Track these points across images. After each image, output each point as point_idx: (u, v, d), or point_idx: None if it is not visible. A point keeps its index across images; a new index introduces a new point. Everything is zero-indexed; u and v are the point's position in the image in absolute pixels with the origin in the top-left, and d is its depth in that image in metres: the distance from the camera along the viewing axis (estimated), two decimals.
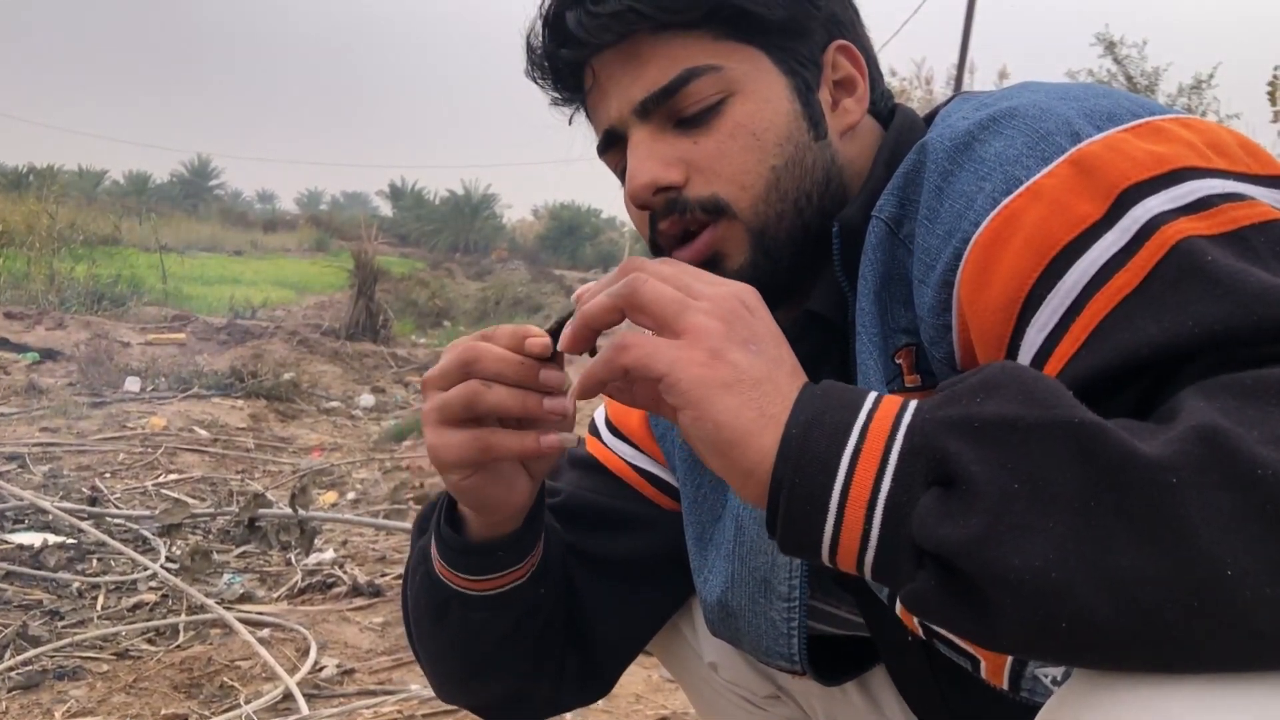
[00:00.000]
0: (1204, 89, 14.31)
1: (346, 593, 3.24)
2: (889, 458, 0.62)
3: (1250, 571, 0.52)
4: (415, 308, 16.11)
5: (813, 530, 0.64)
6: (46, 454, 5.01)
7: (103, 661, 2.68)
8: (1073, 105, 0.77)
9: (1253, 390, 0.57)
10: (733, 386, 0.68)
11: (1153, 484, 0.54)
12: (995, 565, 0.56)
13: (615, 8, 0.88)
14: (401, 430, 6.44)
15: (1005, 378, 0.61)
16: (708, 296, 0.72)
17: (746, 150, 0.90)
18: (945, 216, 0.78)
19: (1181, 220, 0.66)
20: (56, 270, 11.86)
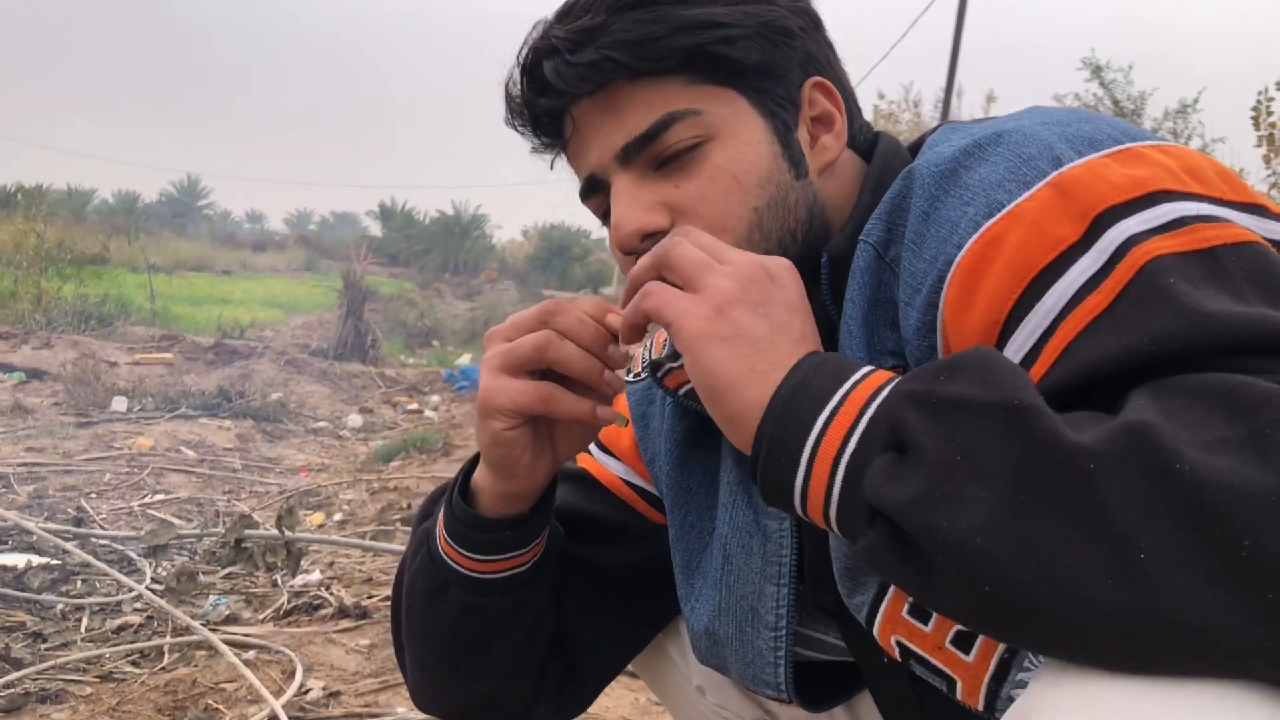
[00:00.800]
0: (1189, 113, 14.43)
1: (333, 614, 3.22)
2: (859, 422, 0.68)
3: (1162, 559, 0.54)
4: (404, 328, 16.11)
5: (785, 481, 0.71)
6: (32, 474, 4.99)
7: (86, 684, 2.66)
8: (1056, 131, 0.78)
9: (1198, 393, 0.59)
10: (729, 341, 0.76)
11: (1073, 467, 0.57)
12: (928, 526, 0.60)
13: (592, 57, 0.89)
14: (389, 451, 6.42)
15: (971, 361, 0.66)
16: (732, 261, 0.80)
17: (728, 193, 0.91)
18: (931, 241, 0.79)
19: (1154, 240, 0.68)
20: (44, 289, 11.81)
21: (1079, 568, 0.56)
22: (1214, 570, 0.53)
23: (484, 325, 17.20)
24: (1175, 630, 0.55)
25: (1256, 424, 0.56)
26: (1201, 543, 0.54)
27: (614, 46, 0.89)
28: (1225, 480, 0.54)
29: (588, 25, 0.90)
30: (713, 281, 0.78)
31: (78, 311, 11.38)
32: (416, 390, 9.66)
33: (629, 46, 0.89)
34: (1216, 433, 0.56)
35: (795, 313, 0.79)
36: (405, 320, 16.98)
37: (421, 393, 9.53)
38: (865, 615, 0.87)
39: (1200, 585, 0.54)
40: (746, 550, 1.00)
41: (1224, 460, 0.55)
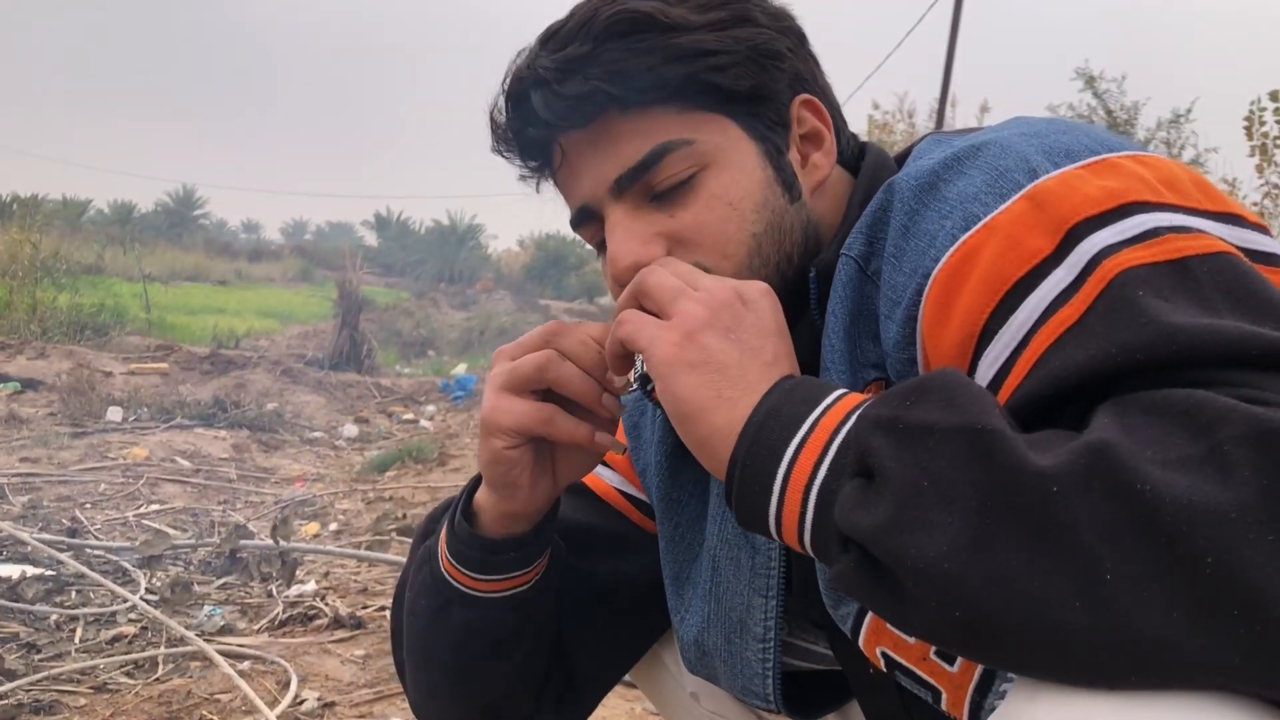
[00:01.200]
0: (1182, 123, 14.49)
1: (328, 625, 3.22)
2: (829, 449, 0.68)
3: (1127, 579, 0.54)
4: (400, 338, 16.10)
5: (760, 508, 0.72)
6: (26, 484, 4.98)
7: (80, 695, 2.65)
8: (1034, 143, 0.79)
9: (1160, 409, 0.59)
10: (697, 367, 0.77)
11: (1036, 490, 0.57)
12: (896, 552, 0.61)
13: (582, 89, 0.88)
14: (385, 461, 6.42)
15: (937, 384, 0.66)
16: (705, 287, 0.81)
17: (726, 220, 0.91)
18: (911, 254, 0.80)
19: (1125, 252, 0.68)
20: (39, 299, 11.79)
21: (1046, 589, 0.56)
22: (1178, 588, 0.54)
23: (479, 335, 17.23)
24: (1143, 648, 0.55)
25: (1216, 440, 0.56)
26: (1165, 561, 0.54)
27: (604, 78, 0.87)
28: (1185, 499, 0.54)
29: (576, 54, 0.88)
30: (684, 307, 0.79)
31: (73, 321, 11.36)
32: (412, 400, 9.65)
33: (620, 79, 0.87)
34: (1178, 450, 0.56)
35: (768, 337, 0.80)
36: (401, 330, 16.98)
37: (417, 402, 9.52)
38: (850, 626, 0.87)
39: (1166, 603, 0.54)
40: (735, 562, 1.00)
41: (1184, 478, 0.55)
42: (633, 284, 0.84)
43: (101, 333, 11.43)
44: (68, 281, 12.75)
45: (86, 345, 10.38)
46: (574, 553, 1.11)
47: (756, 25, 0.93)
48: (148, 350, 10.52)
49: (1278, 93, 9.62)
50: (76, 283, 13.03)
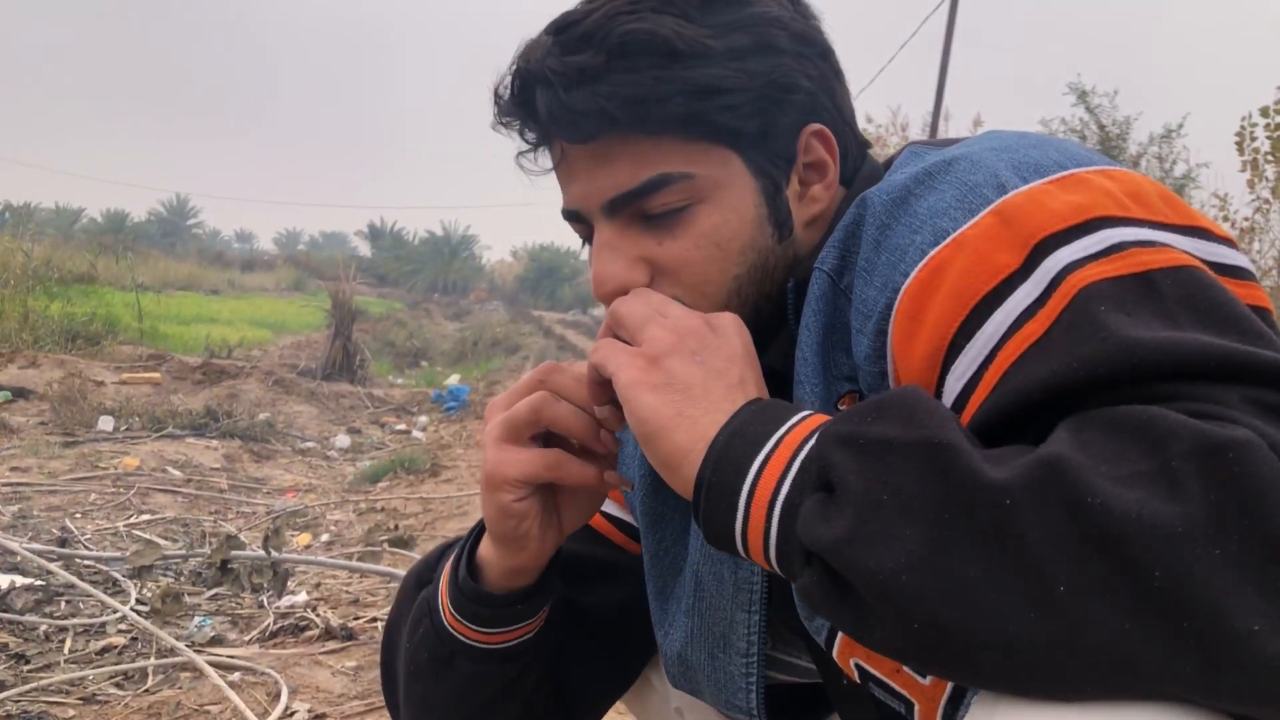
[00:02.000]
0: (1174, 138, 14.57)
1: (319, 636, 3.20)
2: (792, 465, 0.70)
3: (1077, 589, 0.56)
4: (393, 348, 16.09)
5: (726, 524, 0.73)
6: (16, 494, 4.95)
7: (69, 706, 2.63)
8: (1004, 157, 0.79)
9: (1116, 426, 0.60)
10: (660, 389, 0.79)
11: (991, 504, 0.59)
12: (856, 565, 0.62)
13: (587, 106, 0.86)
14: (377, 472, 6.40)
15: (897, 401, 0.68)
16: (674, 315, 0.84)
17: (710, 261, 0.91)
18: (881, 268, 0.80)
19: (1089, 267, 0.69)
20: (31, 308, 11.76)
21: (1000, 602, 0.57)
22: (1128, 600, 0.55)
23: (473, 346, 17.23)
24: (1097, 660, 0.56)
25: (1165, 456, 0.57)
26: (1115, 574, 0.55)
27: (612, 100, 0.85)
28: (1134, 513, 0.55)
29: (587, 65, 0.86)
30: (651, 333, 0.82)
31: (65, 330, 11.33)
32: (405, 411, 9.64)
33: (627, 104, 0.86)
34: (1131, 466, 0.57)
35: (734, 361, 0.81)
36: (394, 340, 16.96)
37: (410, 413, 9.51)
38: (824, 638, 0.87)
39: (1117, 615, 0.55)
40: (718, 577, 1.00)
41: (1134, 493, 0.56)
42: (608, 314, 0.87)
43: (93, 342, 11.39)
44: (60, 290, 12.72)
45: (78, 354, 10.35)
46: (567, 582, 1.10)
47: (778, 54, 0.90)
48: (140, 359, 10.49)
49: (1269, 109, 9.68)
50: (68, 291, 13.01)
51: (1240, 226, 10.46)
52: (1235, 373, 0.62)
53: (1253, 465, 0.55)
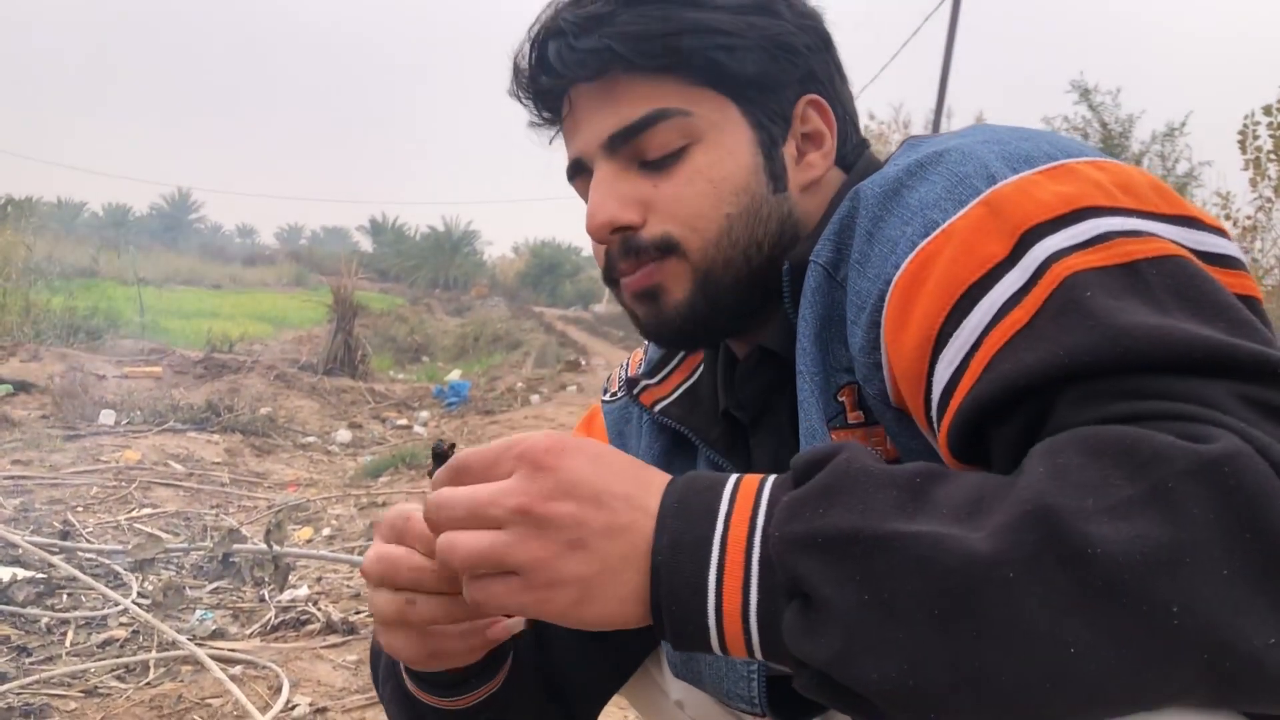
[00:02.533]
0: (1176, 136, 14.56)
1: (320, 630, 3.21)
2: (751, 570, 0.65)
3: (1092, 646, 0.54)
4: (394, 343, 16.10)
5: (704, 643, 0.68)
6: (18, 487, 4.96)
7: (71, 699, 2.64)
8: (994, 148, 0.79)
9: (1095, 450, 0.59)
10: (566, 585, 0.68)
11: (988, 582, 0.56)
12: (858, 680, 0.59)
13: (593, 44, 0.91)
14: (378, 467, 6.41)
15: (845, 483, 0.64)
16: (517, 510, 0.68)
17: (702, 196, 0.93)
18: (874, 261, 0.80)
19: (1075, 256, 0.69)
20: (33, 302, 11.78)
21: (1015, 680, 0.56)
22: (1149, 646, 0.54)
23: (474, 341, 17.23)
24: (1117, 706, 0.56)
25: (1157, 479, 0.56)
26: (1132, 622, 0.54)
27: (616, 38, 0.91)
28: (1137, 553, 0.54)
29: (596, 13, 0.92)
30: (518, 560, 0.68)
31: (66, 324, 11.35)
32: (406, 406, 9.64)
33: (630, 40, 0.91)
34: (1118, 493, 0.56)
35: (603, 494, 0.69)
36: (395, 336, 16.97)
37: (411, 408, 9.51)
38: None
39: (1137, 660, 0.54)
40: None
41: (1131, 526, 0.55)
42: (444, 565, 0.71)
43: (95, 336, 11.41)
44: (62, 284, 12.76)
45: (80, 348, 10.36)
46: None
47: (777, 17, 0.95)
48: (141, 354, 10.50)
49: (1271, 107, 9.67)
50: (70, 285, 13.05)
51: (1242, 225, 10.46)
52: (1221, 366, 0.62)
53: (1247, 477, 0.55)
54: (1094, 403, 0.63)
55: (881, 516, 0.61)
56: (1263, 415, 0.60)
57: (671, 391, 1.10)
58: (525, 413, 8.86)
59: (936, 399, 0.74)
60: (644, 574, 0.68)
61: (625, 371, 1.18)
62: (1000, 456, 0.69)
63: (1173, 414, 0.60)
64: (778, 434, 0.99)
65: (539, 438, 0.71)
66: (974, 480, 0.63)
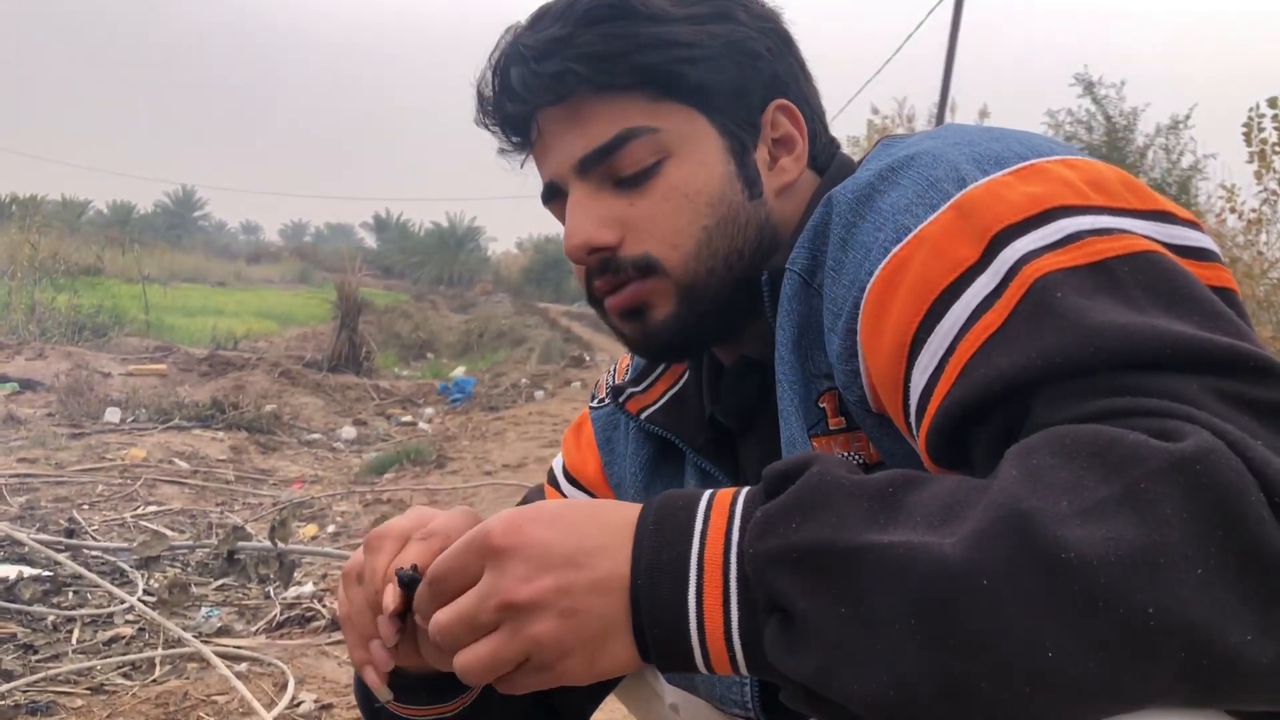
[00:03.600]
0: (1181, 129, 14.52)
1: (325, 627, 3.22)
2: (729, 588, 0.65)
3: (1071, 651, 0.54)
4: (399, 340, 16.10)
5: (689, 664, 0.68)
6: (24, 485, 4.97)
7: (77, 696, 2.64)
8: (965, 150, 0.79)
9: (1070, 451, 0.59)
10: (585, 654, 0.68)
11: (964, 591, 0.56)
12: (841, 692, 0.59)
13: (555, 69, 0.91)
14: (383, 463, 6.41)
15: (816, 496, 0.63)
16: (498, 625, 0.69)
17: (679, 212, 0.93)
18: (849, 267, 0.81)
19: (1045, 257, 0.69)
20: (38, 300, 11.80)
21: (994, 690, 0.56)
22: (1126, 648, 0.54)
23: (478, 338, 17.24)
24: (1096, 706, 0.56)
25: (1130, 479, 0.56)
26: (1109, 626, 0.54)
27: (578, 60, 0.90)
28: (1112, 556, 0.53)
29: (555, 35, 0.91)
30: (524, 645, 0.68)
31: (71, 322, 11.37)
32: (410, 402, 9.65)
33: (592, 61, 0.90)
34: (1092, 494, 0.56)
35: (576, 564, 0.68)
36: (399, 332, 16.98)
37: (415, 405, 9.52)
38: None
39: (1115, 666, 0.54)
40: None
41: (1104, 528, 0.54)
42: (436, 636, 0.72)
43: (100, 334, 11.44)
44: (67, 282, 12.77)
45: (85, 346, 10.38)
46: None
47: (736, 23, 0.95)
48: (146, 351, 10.53)
49: (1277, 99, 9.64)
50: (75, 283, 13.05)
51: (1248, 218, 10.42)
52: (1195, 361, 0.62)
53: (1220, 474, 0.54)
54: (1068, 403, 0.63)
55: (855, 528, 0.61)
56: (1237, 409, 0.60)
57: (658, 399, 1.09)
58: (530, 409, 8.87)
59: (914, 403, 0.74)
60: (629, 626, 0.68)
61: (612, 378, 1.18)
62: (980, 458, 0.69)
63: (1145, 410, 0.60)
64: (765, 440, 0.98)
65: (493, 525, 0.71)
66: (948, 486, 0.63)
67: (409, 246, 53.19)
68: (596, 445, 1.18)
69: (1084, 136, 15.25)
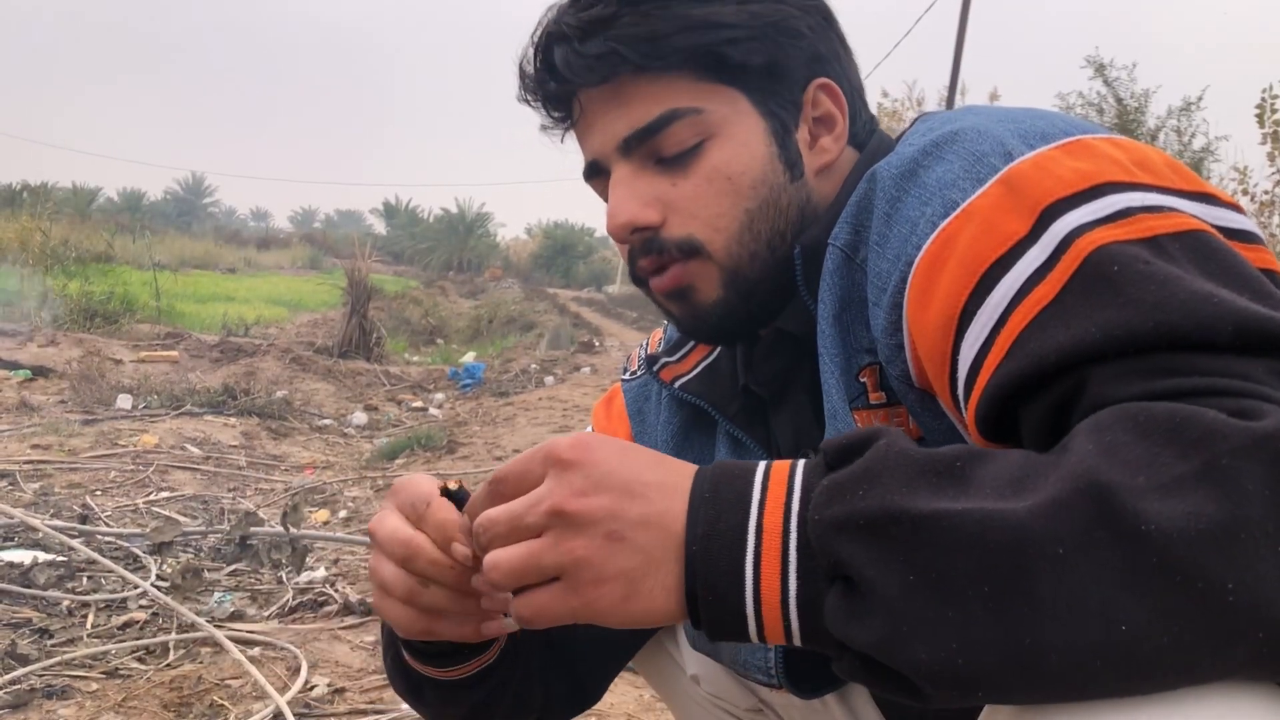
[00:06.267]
0: (1193, 111, 14.41)
1: (338, 611, 3.23)
2: (788, 556, 0.65)
3: (1145, 623, 0.54)
4: (408, 326, 16.13)
5: (741, 633, 0.67)
6: (37, 471, 5.00)
7: (92, 680, 2.66)
8: (1010, 126, 0.79)
9: (1144, 428, 0.58)
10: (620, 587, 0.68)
11: (1039, 558, 0.56)
12: (906, 661, 0.59)
13: (600, 49, 0.91)
14: (394, 449, 6.43)
15: (885, 465, 0.63)
16: (542, 531, 0.69)
17: (722, 194, 0.93)
18: (894, 241, 0.81)
19: (1097, 230, 0.69)
20: (49, 287, 11.85)
21: (1063, 660, 0.55)
22: (1202, 624, 0.54)
23: (488, 323, 17.24)
24: (1164, 681, 0.56)
25: (1210, 456, 0.55)
26: (1187, 600, 0.53)
27: (622, 40, 0.91)
28: (1193, 530, 0.53)
29: (599, 15, 0.92)
30: (552, 565, 0.69)
31: (83, 309, 11.41)
32: (421, 388, 9.67)
33: (636, 42, 0.91)
34: (1170, 470, 0.56)
35: (632, 493, 0.69)
36: (409, 318, 17.01)
37: (426, 390, 9.54)
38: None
39: (1190, 641, 0.54)
40: None
41: (1184, 503, 0.54)
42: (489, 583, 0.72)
43: (111, 320, 11.47)
44: (78, 269, 12.82)
45: (96, 332, 10.42)
46: None
47: (779, 2, 0.95)
48: (157, 338, 10.56)
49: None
50: (86, 270, 13.10)
51: (1260, 200, 10.36)
52: (1256, 341, 0.62)
53: None
54: (1131, 380, 0.63)
55: (924, 497, 0.60)
56: None
57: (692, 368, 1.10)
58: (540, 394, 8.88)
59: (963, 378, 0.74)
60: (683, 564, 0.68)
61: (645, 350, 1.19)
62: (1031, 433, 0.69)
63: (1220, 389, 0.60)
64: (798, 412, 1.00)
65: (564, 439, 0.71)
66: (1016, 458, 0.62)
67: (418, 232, 53.21)
68: (628, 416, 1.19)
69: (1095, 119, 15.16)
